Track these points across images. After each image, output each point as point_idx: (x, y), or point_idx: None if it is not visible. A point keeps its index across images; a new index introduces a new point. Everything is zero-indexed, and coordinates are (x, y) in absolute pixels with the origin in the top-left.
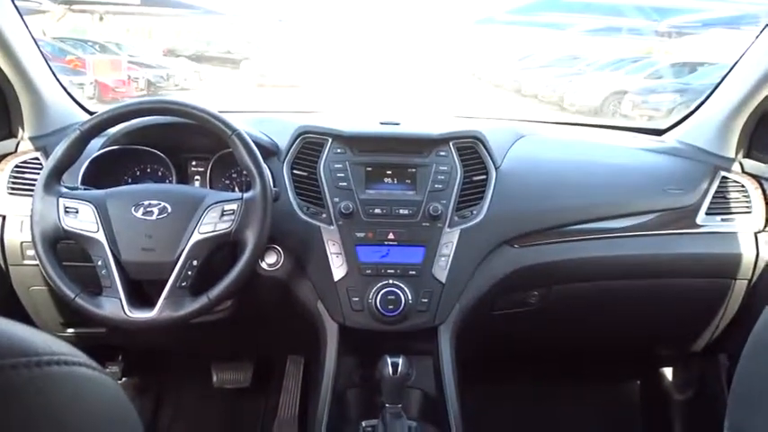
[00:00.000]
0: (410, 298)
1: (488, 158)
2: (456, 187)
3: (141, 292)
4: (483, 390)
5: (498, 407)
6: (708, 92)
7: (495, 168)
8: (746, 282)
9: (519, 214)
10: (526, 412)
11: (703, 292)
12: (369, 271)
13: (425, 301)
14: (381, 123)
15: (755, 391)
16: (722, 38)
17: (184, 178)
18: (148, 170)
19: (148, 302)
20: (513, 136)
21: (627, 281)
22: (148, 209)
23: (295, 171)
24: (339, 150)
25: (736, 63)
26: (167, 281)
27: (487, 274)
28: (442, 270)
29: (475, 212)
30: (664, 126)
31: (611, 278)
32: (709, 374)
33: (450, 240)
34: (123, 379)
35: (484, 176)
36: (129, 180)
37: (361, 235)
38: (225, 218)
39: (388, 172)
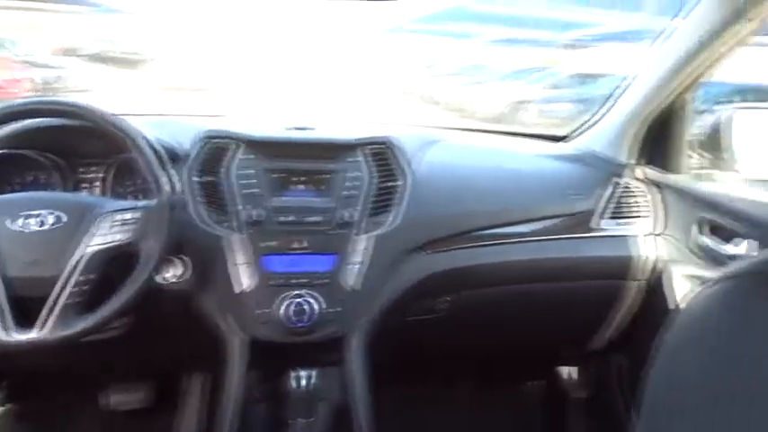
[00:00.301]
0: (321, 307)
1: (401, 164)
2: (368, 194)
3: (25, 311)
4: (398, 393)
5: (412, 410)
6: (604, 101)
7: (409, 174)
8: (644, 283)
9: (432, 220)
10: (439, 415)
11: (603, 293)
12: (277, 281)
13: (337, 310)
14: (294, 128)
15: (674, 397)
16: (618, 51)
17: (78, 186)
18: (37, 177)
19: (34, 321)
20: (426, 142)
21: (531, 284)
22: (36, 219)
23: (201, 177)
24: (248, 156)
25: (630, 75)
26: (56, 297)
27: (401, 281)
28: (354, 278)
29: (389, 219)
30: (564, 133)
31: (516, 282)
32: (609, 373)
33: (363, 247)
34: (7, 405)
35: (397, 182)
36: (15, 188)
37: (270, 244)
38: (121, 228)
39: (299, 178)
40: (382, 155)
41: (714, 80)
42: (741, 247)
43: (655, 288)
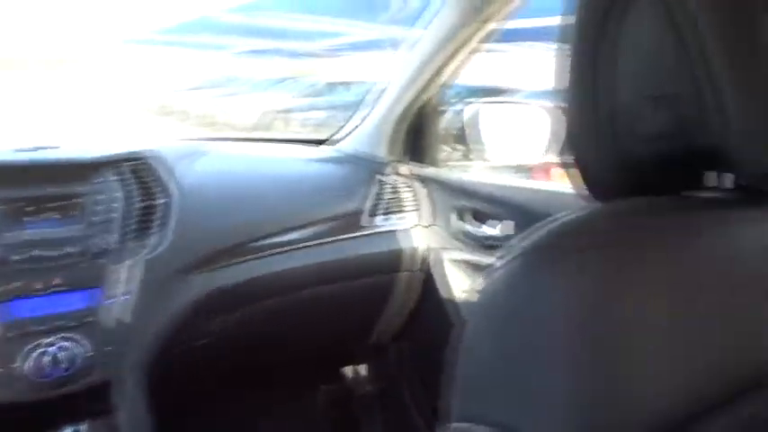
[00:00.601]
0: (83, 351)
1: (163, 180)
2: (127, 216)
3: None
4: (185, 424)
5: None
6: (361, 106)
7: (174, 190)
8: (418, 273)
9: (205, 235)
10: None
11: (379, 288)
12: (21, 330)
13: (105, 350)
14: (30, 149)
15: (470, 389)
16: (368, 59)
17: None
18: None
19: None
20: (188, 154)
21: (311, 289)
22: None
23: None
24: None
25: (382, 81)
26: None
27: (178, 306)
28: (121, 311)
29: (156, 241)
30: (324, 137)
31: (296, 290)
32: (396, 365)
33: (127, 276)
34: None
35: (160, 200)
36: None
37: (8, 287)
38: None
39: (41, 206)
40: (140, 172)
41: (457, 82)
42: (497, 229)
43: (429, 277)
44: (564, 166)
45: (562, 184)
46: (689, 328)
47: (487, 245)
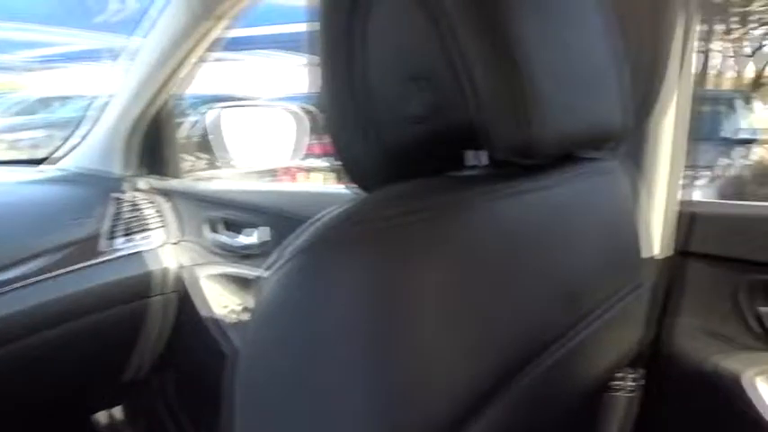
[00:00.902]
0: None
1: None
2: None
3: None
4: None
5: None
6: (84, 120)
7: None
8: (172, 294)
9: None
10: None
11: (130, 317)
12: None
13: None
14: None
15: (266, 401)
16: (87, 70)
17: None
18: None
19: None
20: None
21: (47, 331)
22: None
23: None
24: None
25: (106, 92)
26: None
27: None
28: None
29: None
30: (44, 156)
31: (27, 335)
32: (158, 397)
33: None
34: None
35: None
36: None
37: None
38: None
39: None
40: None
41: (191, 92)
42: (254, 237)
43: (185, 297)
44: (309, 169)
45: (315, 184)
46: (462, 312)
47: (245, 255)
